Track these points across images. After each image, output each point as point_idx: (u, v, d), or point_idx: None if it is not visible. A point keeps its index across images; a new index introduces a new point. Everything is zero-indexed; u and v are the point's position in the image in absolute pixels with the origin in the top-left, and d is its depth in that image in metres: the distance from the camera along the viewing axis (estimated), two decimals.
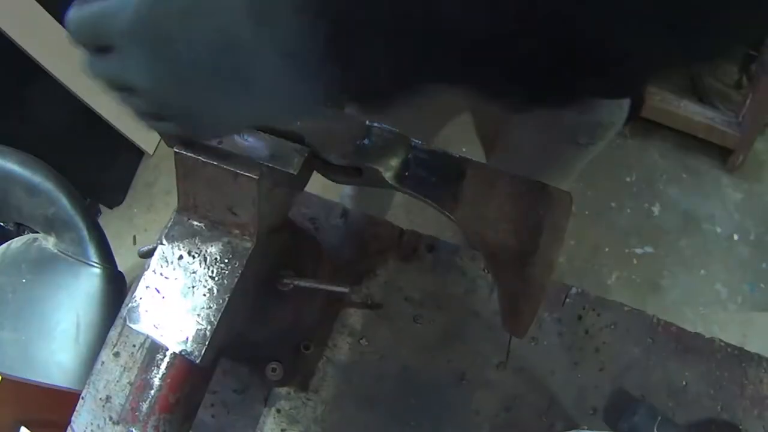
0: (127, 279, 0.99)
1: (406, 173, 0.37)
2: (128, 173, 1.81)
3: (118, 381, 0.55)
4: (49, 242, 0.98)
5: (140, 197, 1.78)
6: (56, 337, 0.91)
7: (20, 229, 1.17)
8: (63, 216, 0.94)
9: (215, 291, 0.37)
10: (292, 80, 0.25)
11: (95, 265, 0.94)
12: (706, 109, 1.63)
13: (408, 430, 0.52)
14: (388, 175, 0.37)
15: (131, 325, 0.37)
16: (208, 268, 0.37)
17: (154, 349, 0.40)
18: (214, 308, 0.36)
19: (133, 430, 0.38)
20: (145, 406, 0.38)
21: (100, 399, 0.55)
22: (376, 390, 0.53)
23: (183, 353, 0.36)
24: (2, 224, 1.13)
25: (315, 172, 0.40)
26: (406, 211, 1.30)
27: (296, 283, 0.48)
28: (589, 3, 0.24)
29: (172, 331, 0.36)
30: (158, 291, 0.37)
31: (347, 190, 0.97)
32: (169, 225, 0.39)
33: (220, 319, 0.36)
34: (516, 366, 0.53)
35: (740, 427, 0.49)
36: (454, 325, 0.54)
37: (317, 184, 0.46)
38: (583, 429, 0.50)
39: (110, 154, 1.72)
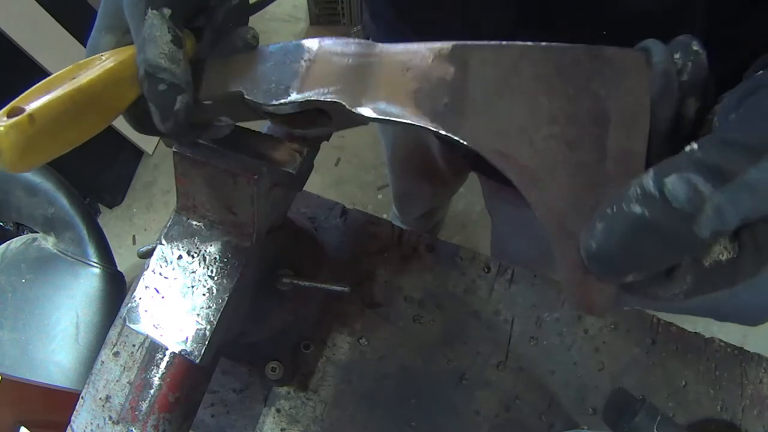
0: (127, 279, 0.99)
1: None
2: (127, 173, 1.81)
3: (117, 381, 0.55)
4: (48, 242, 0.99)
5: (139, 197, 1.79)
6: (56, 337, 0.91)
7: (20, 229, 1.17)
8: (62, 216, 0.94)
9: (214, 291, 0.37)
10: None
11: (95, 264, 0.94)
12: None
13: (408, 430, 0.52)
14: (359, 109, 0.26)
15: (131, 326, 0.37)
16: (208, 268, 0.37)
17: (154, 348, 0.40)
18: (213, 308, 0.36)
19: (133, 429, 0.38)
20: (144, 406, 0.38)
21: (100, 399, 0.55)
22: (376, 390, 0.53)
23: (182, 353, 0.36)
24: (2, 224, 1.13)
25: (314, 171, 0.40)
26: None
27: (296, 282, 0.48)
28: None
29: (171, 331, 0.36)
30: (158, 291, 0.37)
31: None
32: (168, 225, 0.39)
33: (219, 318, 0.36)
34: (516, 366, 0.53)
35: (740, 426, 0.49)
36: (454, 325, 0.54)
37: (317, 184, 0.46)
38: (583, 429, 0.50)
39: (110, 154, 1.72)
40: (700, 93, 0.22)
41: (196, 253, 0.38)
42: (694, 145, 0.19)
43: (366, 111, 0.26)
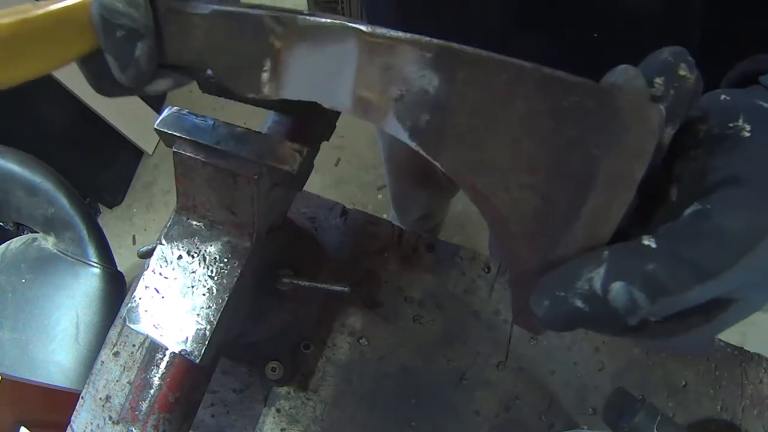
0: (127, 279, 0.99)
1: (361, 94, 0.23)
2: (128, 173, 1.81)
3: (117, 381, 0.55)
4: (48, 242, 0.99)
5: (139, 197, 1.79)
6: (56, 337, 0.91)
7: (20, 229, 1.17)
8: (62, 216, 0.94)
9: (214, 291, 0.37)
10: None
11: (95, 264, 0.94)
12: None
13: (408, 430, 0.52)
14: (340, 107, 0.24)
15: (131, 326, 0.37)
16: (208, 268, 0.37)
17: (154, 348, 0.40)
18: (213, 308, 0.36)
19: (133, 429, 0.38)
20: (144, 406, 0.38)
21: (100, 399, 0.55)
22: (376, 390, 0.53)
23: (182, 353, 0.36)
24: (2, 224, 1.13)
25: (314, 171, 0.40)
26: None
27: (296, 282, 0.48)
28: None
29: (171, 331, 0.36)
30: (158, 291, 0.37)
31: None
32: (168, 225, 0.39)
33: (219, 318, 0.36)
34: (516, 366, 0.53)
35: (740, 426, 0.49)
36: (454, 325, 0.54)
37: (317, 184, 0.46)
38: (583, 429, 0.50)
39: (110, 154, 1.72)
40: (681, 119, 0.21)
41: (196, 253, 0.38)
42: (652, 245, 0.20)
43: (344, 109, 0.24)
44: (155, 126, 0.37)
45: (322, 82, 0.24)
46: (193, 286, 0.37)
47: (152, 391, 0.38)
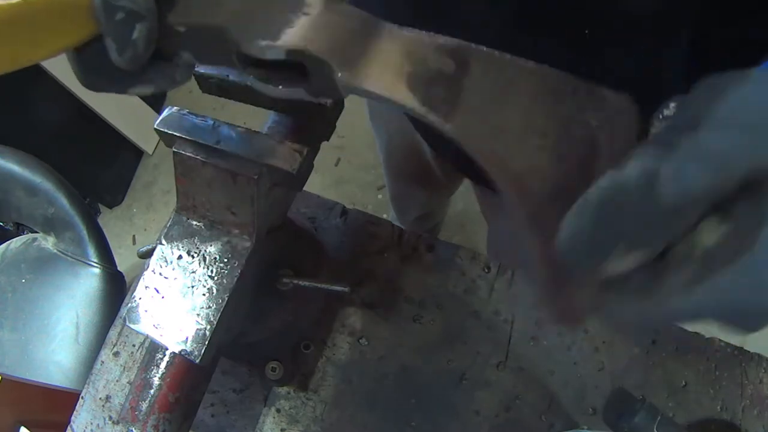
0: (127, 279, 0.99)
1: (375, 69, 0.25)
2: (127, 173, 1.81)
3: (117, 381, 0.55)
4: (48, 242, 0.99)
5: (139, 197, 1.79)
6: (56, 337, 0.91)
7: (20, 229, 1.17)
8: (62, 216, 0.94)
9: (214, 291, 0.37)
10: None
11: (95, 264, 0.94)
12: None
13: (408, 430, 0.52)
14: (345, 75, 0.25)
15: (131, 326, 0.37)
16: (208, 268, 0.37)
17: (154, 348, 0.40)
18: (213, 308, 0.36)
19: (133, 429, 0.38)
20: (144, 406, 0.38)
21: (100, 399, 0.55)
22: (376, 390, 0.53)
23: (182, 353, 0.36)
24: (2, 224, 1.13)
25: (313, 168, 0.40)
26: None
27: (296, 282, 0.48)
28: None
29: (171, 331, 0.36)
30: (158, 291, 0.37)
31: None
32: (168, 225, 0.39)
33: (219, 318, 0.36)
34: (516, 366, 0.53)
35: (740, 426, 0.49)
36: (454, 325, 0.54)
37: (317, 184, 0.46)
38: (583, 429, 0.50)
39: (110, 154, 1.72)
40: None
41: (196, 253, 0.38)
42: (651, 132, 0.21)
43: (351, 80, 0.25)
44: (155, 126, 0.37)
45: (340, 50, 0.25)
46: (193, 286, 0.37)
47: (152, 391, 0.39)
